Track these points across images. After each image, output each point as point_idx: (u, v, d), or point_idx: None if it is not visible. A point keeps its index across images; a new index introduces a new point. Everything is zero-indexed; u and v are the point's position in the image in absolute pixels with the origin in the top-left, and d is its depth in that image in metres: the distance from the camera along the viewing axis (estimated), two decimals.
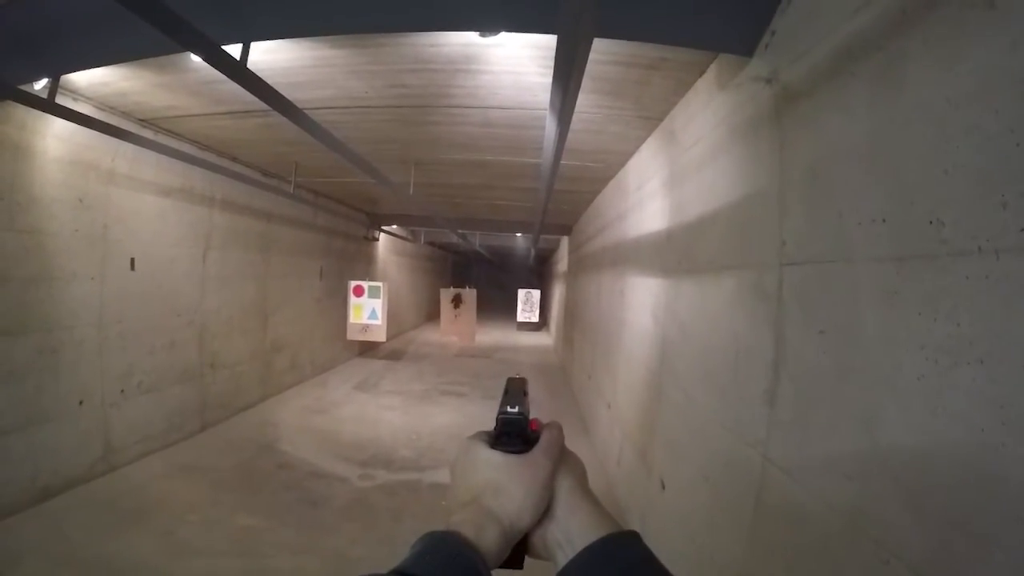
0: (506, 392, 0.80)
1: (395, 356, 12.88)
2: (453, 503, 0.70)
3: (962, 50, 1.25)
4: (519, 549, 0.67)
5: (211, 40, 2.37)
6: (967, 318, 1.20)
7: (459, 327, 13.56)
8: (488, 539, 0.60)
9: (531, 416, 0.75)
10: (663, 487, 3.50)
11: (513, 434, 0.73)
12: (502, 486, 0.67)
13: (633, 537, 0.62)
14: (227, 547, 3.93)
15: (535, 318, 19.33)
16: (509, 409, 0.74)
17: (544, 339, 18.25)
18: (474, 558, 0.57)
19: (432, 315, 19.25)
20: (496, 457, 0.70)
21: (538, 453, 0.70)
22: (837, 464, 1.63)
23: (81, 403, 4.65)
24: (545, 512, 0.67)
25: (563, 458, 0.73)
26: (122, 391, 5.12)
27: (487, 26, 2.71)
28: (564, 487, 0.69)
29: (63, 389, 4.46)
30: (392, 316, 11.98)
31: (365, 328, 10.69)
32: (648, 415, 4.01)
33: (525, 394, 0.80)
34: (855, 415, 1.56)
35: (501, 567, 0.64)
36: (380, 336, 10.82)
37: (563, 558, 0.62)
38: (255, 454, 5.90)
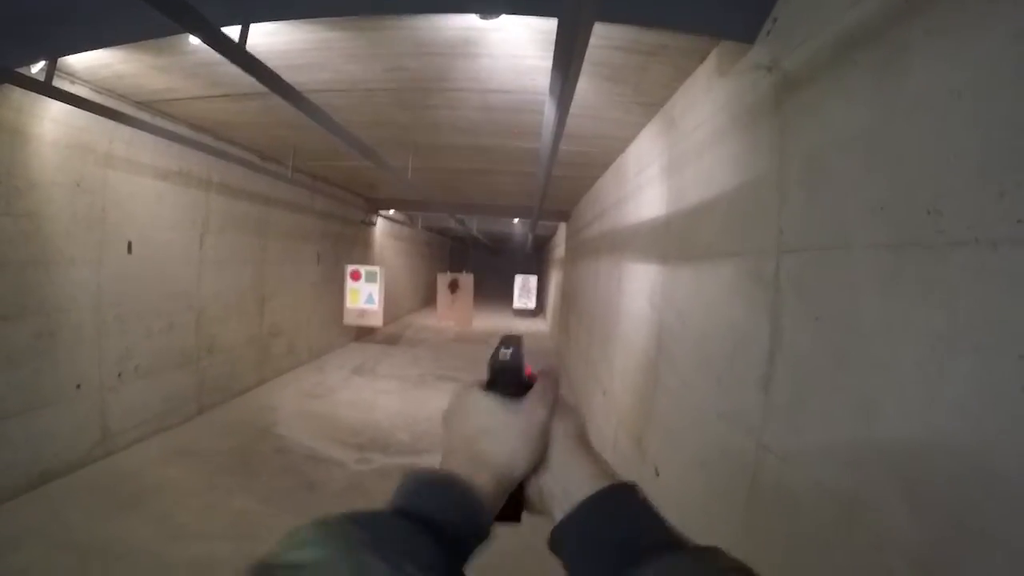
0: (500, 344, 0.76)
1: (392, 341, 12.91)
2: (444, 451, 0.68)
3: (964, 40, 1.25)
4: (516, 501, 0.66)
5: (210, 21, 2.36)
6: (963, 307, 1.20)
7: (456, 312, 13.60)
8: (481, 485, 0.58)
9: (526, 365, 0.73)
10: (657, 474, 3.52)
11: (508, 380, 0.70)
12: (495, 431, 0.65)
13: (631, 489, 0.61)
14: (224, 531, 3.96)
15: (532, 304, 19.40)
16: (503, 350, 0.72)
17: (540, 325, 18.28)
18: (472, 500, 0.56)
19: (429, 300, 19.28)
20: (489, 402, 0.68)
21: (533, 398, 0.68)
22: (832, 451, 1.64)
23: (79, 387, 4.66)
24: (541, 462, 0.66)
25: (560, 408, 0.70)
26: (120, 375, 5.13)
27: (487, 9, 2.70)
28: (560, 437, 0.67)
29: (61, 373, 4.47)
30: (389, 301, 11.98)
31: (362, 313, 10.71)
32: (644, 402, 4.02)
33: (520, 346, 0.77)
34: (851, 402, 1.57)
35: (497, 519, 0.62)
36: (377, 321, 10.84)
37: (560, 511, 0.61)
38: (252, 438, 5.93)
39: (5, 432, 3.98)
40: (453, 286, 13.49)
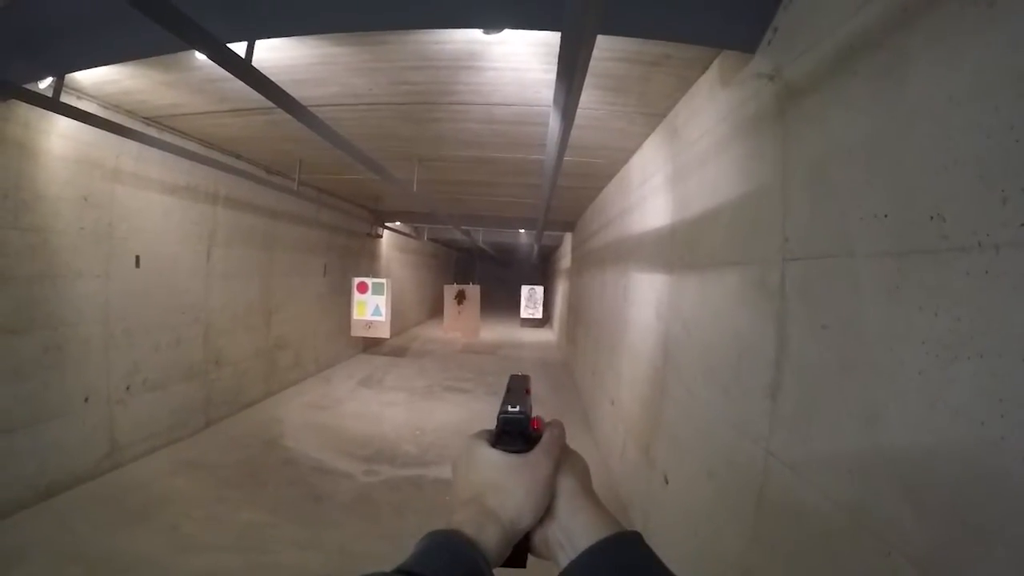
0: (508, 390, 0.80)
1: (399, 352, 12.91)
2: (455, 502, 0.70)
3: (963, 48, 1.25)
4: (521, 548, 0.68)
5: (216, 38, 2.39)
6: (967, 313, 1.21)
7: (463, 323, 13.55)
8: (488, 538, 0.61)
9: (533, 415, 0.75)
10: (666, 482, 3.51)
11: (514, 433, 0.73)
12: (503, 486, 0.67)
13: (635, 538, 0.61)
14: (232, 542, 3.96)
15: (538, 314, 19.36)
16: (510, 408, 0.74)
17: (547, 335, 18.25)
18: (476, 557, 0.57)
19: (436, 311, 19.24)
20: (497, 456, 0.70)
21: (539, 453, 0.70)
22: (839, 458, 1.64)
23: (87, 400, 4.67)
24: (547, 512, 0.67)
25: (565, 457, 0.73)
26: (127, 388, 5.14)
27: (491, 23, 2.72)
28: (566, 487, 0.69)
29: (69, 386, 4.48)
30: (396, 312, 11.97)
31: (369, 325, 10.69)
32: (651, 411, 4.02)
33: (527, 392, 0.80)
34: (857, 410, 1.57)
35: (504, 566, 0.64)
36: (384, 332, 10.81)
37: (564, 559, 0.62)
38: (259, 450, 5.93)
39: (13, 445, 3.98)
40: (460, 297, 13.44)
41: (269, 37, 2.85)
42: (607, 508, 0.68)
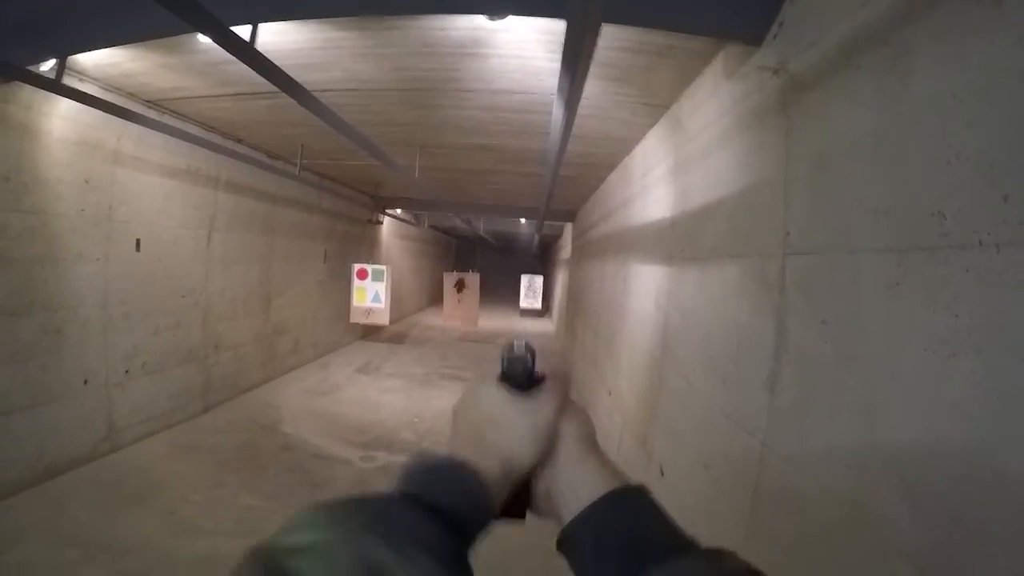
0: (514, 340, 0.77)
1: (398, 340, 12.94)
2: (452, 436, 0.68)
3: (967, 45, 1.25)
4: (522, 499, 0.66)
5: (220, 21, 2.37)
6: (967, 310, 1.21)
7: (462, 312, 13.57)
8: (488, 473, 0.58)
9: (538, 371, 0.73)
10: (662, 474, 3.52)
11: (518, 371, 0.71)
12: (504, 420, 0.65)
13: (641, 491, 0.60)
14: (229, 527, 3.98)
15: (538, 304, 19.39)
16: (516, 341, 0.72)
17: (546, 325, 18.27)
18: (476, 482, 0.56)
19: (435, 299, 19.29)
20: (499, 392, 0.69)
21: (542, 394, 0.68)
22: (836, 453, 1.65)
23: (86, 383, 4.68)
24: (548, 459, 0.65)
25: (569, 408, 0.70)
26: (126, 371, 5.16)
27: (495, 10, 2.70)
28: (568, 433, 0.67)
29: (68, 369, 4.49)
30: (395, 300, 11.98)
31: (368, 311, 10.70)
32: (649, 402, 4.03)
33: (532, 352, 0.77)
34: (855, 404, 1.57)
35: (503, 515, 0.62)
36: (383, 319, 10.82)
37: (568, 512, 0.60)
38: (258, 435, 5.96)
39: (11, 427, 4.00)
40: (460, 285, 13.45)
41: (273, 20, 2.83)
42: (613, 462, 0.66)
